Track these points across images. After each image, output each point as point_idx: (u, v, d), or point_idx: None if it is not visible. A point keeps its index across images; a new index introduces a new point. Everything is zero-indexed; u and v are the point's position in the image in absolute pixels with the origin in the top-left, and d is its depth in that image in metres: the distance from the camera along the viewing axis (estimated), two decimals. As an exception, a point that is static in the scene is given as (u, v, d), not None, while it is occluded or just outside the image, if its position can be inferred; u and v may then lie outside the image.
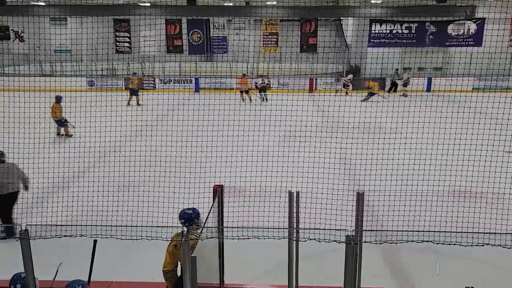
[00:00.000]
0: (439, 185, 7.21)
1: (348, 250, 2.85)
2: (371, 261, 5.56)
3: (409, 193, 6.73)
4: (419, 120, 9.05)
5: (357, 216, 3.84)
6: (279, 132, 9.79)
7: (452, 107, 11.38)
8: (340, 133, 9.21)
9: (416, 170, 7.76)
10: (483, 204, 6.26)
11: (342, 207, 5.26)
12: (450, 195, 7.43)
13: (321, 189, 6.54)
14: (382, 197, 6.54)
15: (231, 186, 6.19)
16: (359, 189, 4.21)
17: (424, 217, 5.65)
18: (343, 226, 3.69)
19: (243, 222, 4.61)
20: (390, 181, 6.87)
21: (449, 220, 5.35)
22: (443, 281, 4.19)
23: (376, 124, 10.90)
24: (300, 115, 9.13)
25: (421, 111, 9.24)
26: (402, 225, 5.29)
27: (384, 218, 6.04)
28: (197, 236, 3.35)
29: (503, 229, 3.10)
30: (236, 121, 8.69)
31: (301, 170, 7.39)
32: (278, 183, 6.77)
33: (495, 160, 7.77)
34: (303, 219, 4.23)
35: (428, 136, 9.36)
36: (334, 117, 9.63)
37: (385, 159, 7.83)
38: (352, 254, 2.86)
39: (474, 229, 2.92)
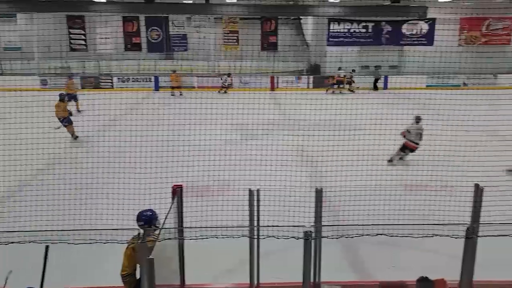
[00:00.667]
0: (396, 180, 7.44)
1: (306, 246, 2.88)
2: (332, 255, 5.68)
3: (367, 187, 6.91)
4: (377, 116, 9.30)
5: (316, 212, 3.91)
6: (240, 130, 9.80)
7: (408, 104, 11.78)
8: (301, 130, 9.32)
9: (375, 165, 7.99)
10: (436, 197, 6.50)
11: (304, 204, 5.32)
12: (406, 189, 7.67)
13: (282, 186, 6.58)
14: (342, 192, 6.67)
15: (191, 186, 6.11)
16: (319, 186, 4.27)
17: (384, 210, 5.79)
18: (303, 223, 3.74)
19: (203, 222, 4.56)
20: (349, 177, 7.02)
21: (404, 213, 5.53)
22: (399, 272, 4.33)
23: (336, 122, 11.10)
24: (261, 113, 9.16)
25: (379, 108, 9.50)
26: (363, 219, 5.41)
27: (344, 213, 6.16)
28: (155, 238, 3.29)
29: (451, 220, 3.24)
30: (196, 119, 8.60)
31: (262, 168, 7.42)
32: (239, 182, 6.76)
33: (447, 155, 8.12)
34: (263, 216, 4.24)
35: (385, 132, 9.62)
36: (295, 115, 9.73)
37: (344, 155, 7.98)
38: (309, 249, 2.90)
39: (425, 221, 3.03)
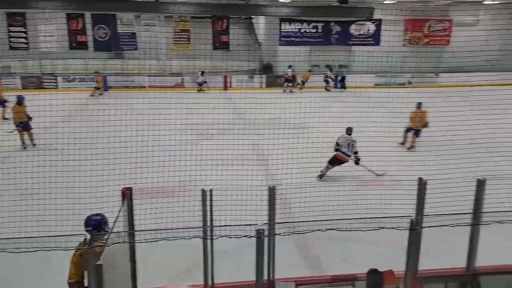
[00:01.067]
0: (347, 175, 7.65)
1: (258, 244, 2.90)
2: (286, 252, 5.75)
3: (320, 184, 7.08)
4: (330, 114, 9.52)
5: (270, 210, 3.93)
6: (194, 130, 9.69)
7: (358, 102, 12.17)
8: (256, 129, 9.37)
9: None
10: (383, 192, 6.75)
11: (259, 202, 5.34)
12: (357, 184, 7.92)
13: (237, 185, 6.58)
14: (296, 189, 6.78)
15: (142, 188, 5.97)
16: (272, 184, 4.30)
17: (336, 206, 5.95)
18: (258, 221, 3.75)
19: (155, 224, 4.47)
20: (303, 174, 7.15)
21: (354, 207, 5.70)
22: (351, 266, 4.46)
23: (289, 120, 11.25)
24: (215, 112, 9.13)
25: (331, 106, 9.75)
26: (315, 215, 5.52)
27: (298, 210, 6.26)
28: (104, 243, 3.18)
29: (396, 213, 3.39)
30: (147, 120, 8.42)
31: (218, 168, 7.39)
32: (194, 182, 6.70)
33: (395, 150, 8.46)
34: (218, 216, 4.23)
35: (337, 129, 9.86)
36: (250, 114, 9.75)
37: (297, 152, 8.10)
38: (262, 247, 2.92)
39: (373, 214, 3.14)
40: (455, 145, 8.69)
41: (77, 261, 3.68)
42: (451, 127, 9.31)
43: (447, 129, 9.11)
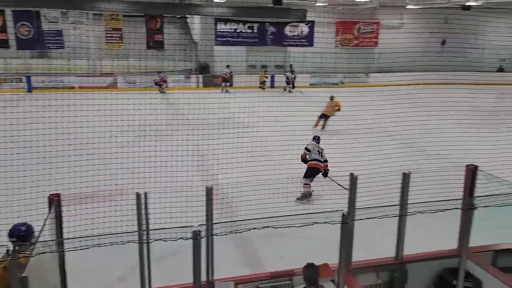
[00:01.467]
0: (284, 173, 7.79)
1: (195, 245, 2.87)
2: (225, 252, 5.75)
3: (258, 182, 7.15)
4: (267, 114, 9.66)
5: (207, 210, 3.91)
6: (130, 132, 9.38)
7: (296, 101, 12.48)
8: (194, 129, 9.25)
9: (263, 161, 8.27)
10: (319, 187, 6.98)
11: (195, 203, 5.29)
12: (292, 182, 8.09)
13: (174, 187, 6.47)
14: (234, 189, 6.79)
15: (72, 194, 5.67)
16: (211, 184, 4.28)
17: (274, 203, 6.03)
18: (196, 222, 3.71)
19: (88, 231, 4.27)
20: (242, 173, 7.18)
21: (290, 204, 5.82)
22: (287, 262, 4.56)
23: (228, 120, 11.26)
24: (152, 113, 8.90)
25: (268, 106, 9.88)
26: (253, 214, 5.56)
27: (236, 209, 6.29)
28: (29, 254, 2.98)
29: (329, 208, 3.52)
30: (78, 122, 8.02)
31: (157, 170, 7.21)
32: (128, 185, 6.48)
33: (331, 148, 8.75)
34: (154, 219, 4.14)
35: (272, 129, 10.02)
36: (187, 114, 9.62)
37: (235, 152, 8.13)
38: (198, 249, 2.89)
39: (308, 210, 3.24)
40: (383, 141, 9.19)
41: (1, 275, 3.42)
42: (379, 124, 9.84)
43: (375, 126, 9.62)
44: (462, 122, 12.07)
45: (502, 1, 21.19)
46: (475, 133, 9.61)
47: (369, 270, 4.48)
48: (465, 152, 8.49)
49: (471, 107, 15.13)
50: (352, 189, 4.11)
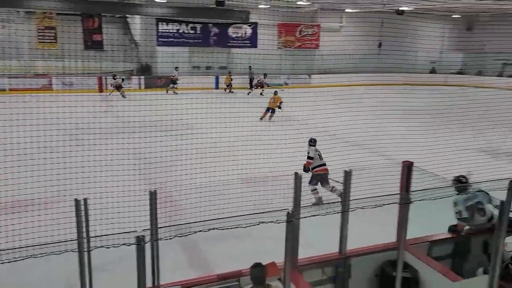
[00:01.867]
0: (231, 174, 7.78)
1: (138, 251, 2.79)
2: (172, 256, 5.64)
3: (203, 184, 7.09)
4: (211, 115, 9.60)
5: (151, 214, 3.81)
6: (67, 136, 8.93)
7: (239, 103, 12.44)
8: (136, 132, 8.99)
9: (209, 162, 8.21)
10: (266, 187, 7.04)
11: (139, 208, 5.14)
12: (239, 182, 8.11)
13: (115, 192, 6.25)
14: (180, 191, 6.69)
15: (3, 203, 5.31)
16: (154, 188, 4.18)
17: (221, 205, 6.01)
18: (140, 227, 3.60)
19: (22, 241, 4.01)
20: (187, 175, 7.07)
21: (236, 205, 5.83)
22: (236, 263, 4.55)
23: (169, 122, 11.06)
24: (91, 116, 8.54)
25: (212, 108, 9.83)
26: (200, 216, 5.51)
27: (183, 212, 6.18)
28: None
29: (274, 207, 3.56)
30: (8, 126, 7.51)
31: (97, 175, 6.92)
32: (67, 191, 6.17)
33: (273, 148, 8.86)
34: (96, 226, 3.97)
35: (216, 130, 9.99)
36: (128, 117, 9.32)
37: (178, 154, 8.01)
38: (142, 254, 2.81)
39: (255, 210, 3.25)
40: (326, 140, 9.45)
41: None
42: (323, 124, 10.12)
43: (319, 126, 9.88)
44: (398, 121, 12.72)
45: (432, 7, 22.58)
46: (411, 131, 10.15)
47: (315, 267, 4.58)
48: (402, 149, 8.95)
49: (407, 107, 15.99)
50: (297, 188, 4.19)
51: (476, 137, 11.30)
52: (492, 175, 9.55)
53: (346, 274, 4.66)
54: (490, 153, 11.19)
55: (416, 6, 21.80)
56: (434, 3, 19.80)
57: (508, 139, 10.75)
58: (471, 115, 11.71)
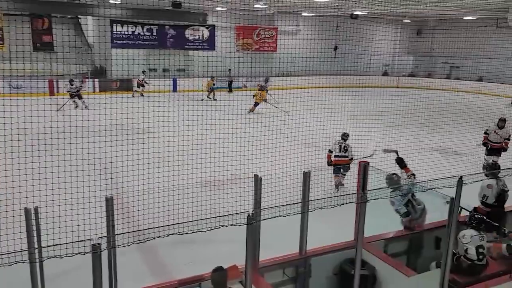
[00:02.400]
0: (190, 178, 7.68)
1: (95, 260, 2.69)
2: (131, 263, 5.50)
3: (163, 189, 6.96)
4: (168, 119, 9.43)
5: (108, 221, 3.70)
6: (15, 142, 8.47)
7: (197, 106, 12.38)
8: (91, 137, 8.67)
9: (169, 166, 8.07)
10: (222, 191, 7.01)
11: (95, 215, 4.97)
12: (198, 185, 8.03)
13: (69, 199, 6.01)
14: (137, 197, 6.53)
15: None
16: (111, 194, 4.06)
17: (181, 209, 5.92)
18: (96, 235, 3.48)
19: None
20: (145, 180, 6.92)
21: (196, 209, 5.77)
22: (196, 267, 4.50)
23: (126, 126, 10.78)
24: (40, 121, 8.14)
25: (170, 111, 9.66)
26: (159, 221, 5.40)
27: (141, 218, 6.03)
28: None
29: (235, 210, 3.54)
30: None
31: (44, 182, 6.61)
32: (15, 199, 5.87)
33: (233, 151, 8.85)
34: (49, 235, 3.82)
35: (175, 134, 9.84)
36: (82, 121, 9.00)
37: (135, 159, 7.82)
38: (99, 263, 2.72)
39: (216, 213, 3.22)
40: (285, 142, 9.56)
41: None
42: (282, 126, 10.21)
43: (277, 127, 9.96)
44: (355, 122, 13.07)
45: (384, 12, 23.41)
46: (367, 132, 10.45)
47: (276, 268, 4.61)
48: (359, 150, 9.20)
49: (362, 108, 16.47)
50: (256, 190, 4.20)
51: (428, 137, 11.80)
52: (442, 173, 10.02)
53: (307, 274, 4.73)
54: (441, 152, 11.72)
55: (369, 10, 22.52)
56: (386, 8, 20.54)
57: (457, 138, 11.29)
58: (423, 116, 12.24)
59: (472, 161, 10.15)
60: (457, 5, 19.60)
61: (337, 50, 26.56)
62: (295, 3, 20.72)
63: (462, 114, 13.69)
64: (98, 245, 2.73)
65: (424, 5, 19.77)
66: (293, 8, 23.93)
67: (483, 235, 4.81)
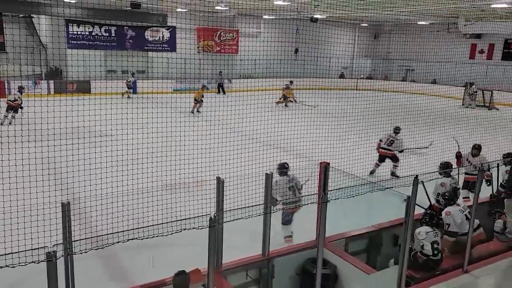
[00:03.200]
0: (150, 181, 7.55)
1: (50, 268, 2.58)
2: (90, 270, 5.32)
3: (122, 193, 6.78)
4: (127, 121, 9.21)
5: (63, 228, 3.57)
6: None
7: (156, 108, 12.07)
8: (45, 140, 8.32)
9: (128, 170, 7.89)
10: (184, 194, 6.92)
11: (50, 222, 4.77)
12: (159, 189, 7.89)
13: (21, 206, 5.74)
14: (95, 202, 6.33)
15: None
16: (67, 199, 3.92)
17: (142, 213, 5.79)
18: (51, 242, 3.35)
19: None
20: (104, 184, 6.72)
21: (157, 213, 5.67)
22: (158, 272, 4.42)
23: (83, 128, 10.45)
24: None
25: (128, 113, 9.44)
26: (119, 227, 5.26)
27: (99, 223, 5.85)
28: None
29: (198, 213, 3.51)
30: None
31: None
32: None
33: (192, 153, 8.77)
34: (1, 244, 3.63)
35: (134, 136, 9.64)
36: (35, 124, 8.60)
37: (93, 163, 7.59)
38: (54, 271, 2.61)
39: (178, 217, 3.17)
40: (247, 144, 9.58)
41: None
42: (244, 127, 10.22)
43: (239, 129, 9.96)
44: (316, 123, 13.29)
45: (342, 15, 23.97)
46: (327, 133, 10.64)
47: (239, 270, 4.60)
48: (319, 151, 9.36)
49: (322, 110, 16.78)
50: (219, 193, 4.18)
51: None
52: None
53: (270, 275, 4.75)
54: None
55: (328, 14, 22.98)
56: (344, 12, 21.03)
57: (414, 139, 11.71)
58: (380, 117, 12.61)
59: (429, 160, 10.56)
60: (411, 10, 20.38)
61: (298, 53, 26.98)
62: (256, 6, 20.83)
63: (418, 115, 14.23)
64: (53, 252, 2.62)
65: (380, 10, 20.42)
66: (254, 10, 24.06)
67: (437, 231, 5.01)
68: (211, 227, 3.20)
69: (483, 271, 4.93)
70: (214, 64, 24.91)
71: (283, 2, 18.37)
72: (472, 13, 21.72)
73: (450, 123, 14.71)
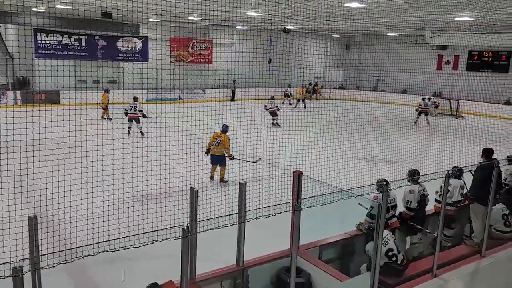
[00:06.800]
0: (121, 192, 7.41)
1: (15, 284, 2.49)
2: (59, 285, 5.15)
3: (92, 205, 6.63)
4: (97, 132, 9.03)
5: (30, 242, 3.45)
6: None
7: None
8: (13, 152, 8.05)
9: (98, 182, 7.73)
10: (157, 205, 6.83)
11: (16, 236, 4.61)
12: (131, 201, 7.76)
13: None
14: (64, 215, 6.17)
15: None
16: (34, 213, 3.79)
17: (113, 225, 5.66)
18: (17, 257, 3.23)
19: None
20: (74, 196, 6.54)
21: (128, 225, 5.57)
22: (130, 285, 4.33)
23: (50, 140, 10.17)
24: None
25: (99, 124, 9.28)
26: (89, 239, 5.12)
27: (68, 237, 5.70)
28: None
29: (171, 224, 3.47)
30: None
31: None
32: None
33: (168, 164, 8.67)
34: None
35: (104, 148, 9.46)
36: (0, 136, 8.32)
37: (62, 175, 7.39)
38: (21, 286, 2.52)
39: (144, 229, 3.12)
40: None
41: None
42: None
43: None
44: (290, 133, 13.39)
45: (314, 27, 24.39)
46: (300, 143, 10.75)
47: (213, 280, 4.56)
48: (293, 160, 9.43)
49: (295, 119, 16.94)
50: (192, 203, 4.14)
51: (357, 146, 12.37)
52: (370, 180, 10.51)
53: (245, 285, 4.72)
54: (368, 160, 12.34)
55: (300, 25, 23.34)
56: (315, 23, 21.41)
57: (384, 147, 11.97)
58: (352, 126, 12.84)
59: (398, 168, 10.79)
60: (380, 22, 20.96)
61: (271, 63, 27.23)
62: (229, 16, 20.95)
63: (388, 124, 14.57)
64: (19, 267, 2.53)
65: (350, 21, 20.89)
66: (227, 21, 24.18)
67: (386, 241, 5.00)
68: (183, 238, 3.16)
69: (452, 274, 5.06)
70: (187, 74, 24.83)
71: (255, 13, 18.55)
72: (438, 25, 22.51)
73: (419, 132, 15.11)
